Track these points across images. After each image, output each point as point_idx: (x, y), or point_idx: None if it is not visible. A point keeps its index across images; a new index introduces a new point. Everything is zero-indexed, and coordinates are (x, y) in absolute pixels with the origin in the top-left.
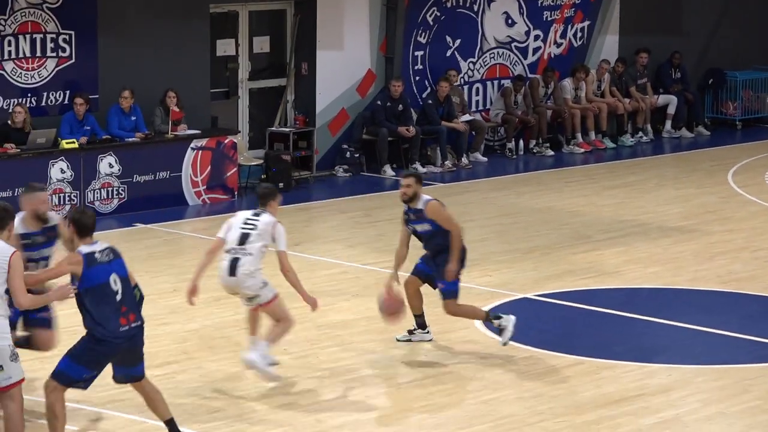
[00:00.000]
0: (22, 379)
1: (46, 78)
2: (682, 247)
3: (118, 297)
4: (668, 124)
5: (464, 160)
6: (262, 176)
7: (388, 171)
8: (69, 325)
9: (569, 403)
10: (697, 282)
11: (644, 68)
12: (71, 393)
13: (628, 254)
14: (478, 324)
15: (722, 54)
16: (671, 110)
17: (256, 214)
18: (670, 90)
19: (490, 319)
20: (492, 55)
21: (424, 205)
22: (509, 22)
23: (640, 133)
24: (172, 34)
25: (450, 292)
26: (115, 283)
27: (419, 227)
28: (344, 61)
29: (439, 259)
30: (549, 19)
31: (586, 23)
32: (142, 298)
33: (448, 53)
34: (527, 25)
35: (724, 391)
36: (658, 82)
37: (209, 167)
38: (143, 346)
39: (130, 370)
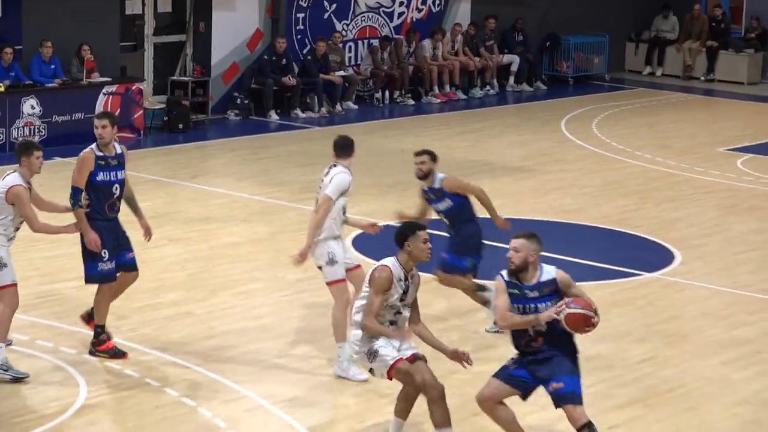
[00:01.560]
0: (14, 284)
1: None
2: (522, 184)
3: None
4: (511, 80)
5: (338, 107)
6: (164, 118)
7: (273, 116)
8: None
9: (424, 315)
10: (534, 213)
11: (492, 32)
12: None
13: None
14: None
15: (558, 21)
16: (514, 68)
17: (327, 173)
18: (514, 51)
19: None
20: (363, 18)
21: (440, 182)
22: None
23: (488, 87)
24: None
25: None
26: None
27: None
28: (236, 21)
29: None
30: None
31: None
32: None
33: (326, 16)
34: None
35: None
36: (503, 43)
37: (119, 110)
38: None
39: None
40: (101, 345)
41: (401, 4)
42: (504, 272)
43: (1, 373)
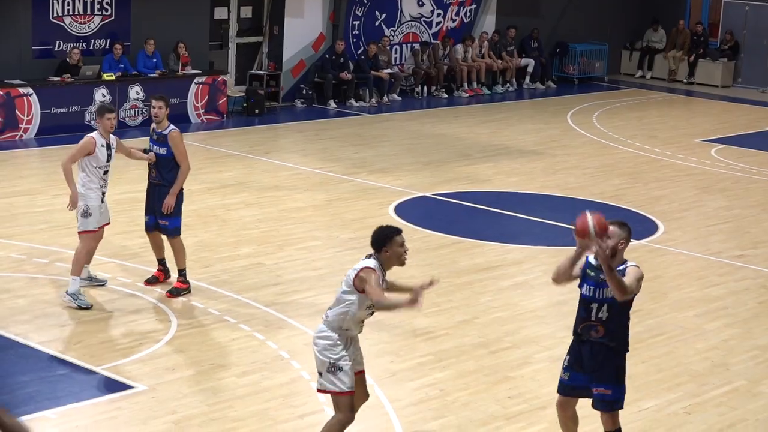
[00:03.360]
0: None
1: (93, 29)
2: (534, 164)
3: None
4: (527, 79)
5: (385, 98)
6: (243, 104)
7: (332, 104)
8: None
9: (452, 270)
10: (544, 189)
11: (512, 39)
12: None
13: (497, 168)
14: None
15: (566, 32)
16: (530, 69)
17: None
18: (530, 55)
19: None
20: (407, 26)
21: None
22: (420, 3)
23: (508, 84)
24: (184, 2)
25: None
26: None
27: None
28: (304, 26)
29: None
30: (447, 2)
31: (473, 6)
32: None
33: (377, 23)
34: (432, 6)
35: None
36: (521, 49)
37: (207, 97)
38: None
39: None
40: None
41: (438, 14)
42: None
43: (70, 301)
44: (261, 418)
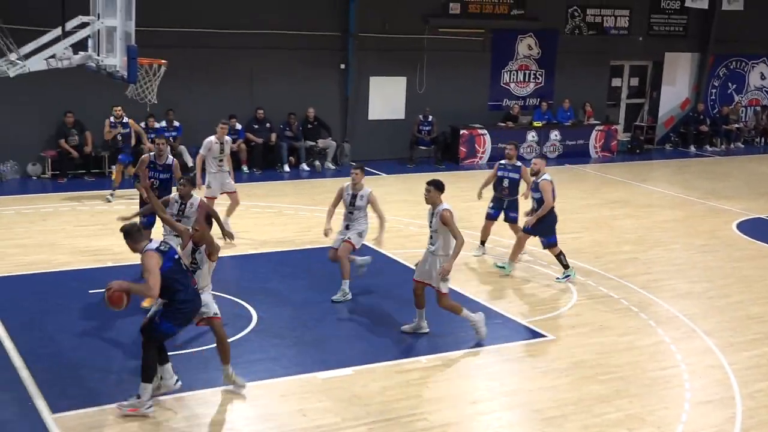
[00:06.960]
0: None
1: (529, 92)
2: None
3: None
4: None
5: (732, 145)
6: (628, 146)
7: (692, 148)
8: None
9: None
10: None
11: None
12: None
13: None
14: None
15: None
16: None
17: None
18: None
19: None
20: (752, 93)
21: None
22: (762, 77)
23: None
24: (590, 76)
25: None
26: None
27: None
28: (674, 92)
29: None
30: None
31: None
32: None
33: (729, 91)
34: None
35: None
36: None
37: (603, 140)
38: None
39: None
40: None
41: None
42: None
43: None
44: (633, 367)
